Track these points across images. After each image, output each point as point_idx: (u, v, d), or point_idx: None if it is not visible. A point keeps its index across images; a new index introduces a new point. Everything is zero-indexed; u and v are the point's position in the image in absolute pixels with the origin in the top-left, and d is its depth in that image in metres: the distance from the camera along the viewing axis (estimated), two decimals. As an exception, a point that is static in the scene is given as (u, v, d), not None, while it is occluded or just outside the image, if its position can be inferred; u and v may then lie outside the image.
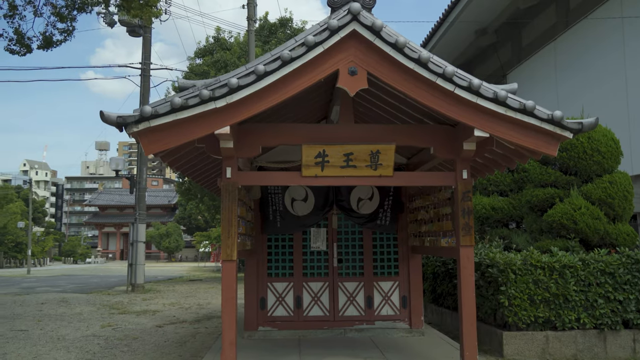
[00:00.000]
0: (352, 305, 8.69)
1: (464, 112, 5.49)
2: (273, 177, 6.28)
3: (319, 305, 8.66)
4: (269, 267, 8.74)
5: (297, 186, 8.66)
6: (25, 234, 53.21)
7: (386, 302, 8.72)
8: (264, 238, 8.75)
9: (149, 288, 18.97)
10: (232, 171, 6.01)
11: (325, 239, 8.83)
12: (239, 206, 6.49)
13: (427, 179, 6.35)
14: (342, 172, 6.11)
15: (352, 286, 8.73)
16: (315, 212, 8.66)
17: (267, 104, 5.39)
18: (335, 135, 6.11)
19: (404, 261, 8.79)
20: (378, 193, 8.77)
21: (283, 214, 8.64)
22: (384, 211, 8.75)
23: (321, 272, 8.77)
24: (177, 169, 6.77)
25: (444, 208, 6.80)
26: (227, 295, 5.86)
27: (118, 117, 5.24)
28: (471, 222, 6.08)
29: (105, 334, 10.14)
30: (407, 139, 6.23)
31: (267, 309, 8.60)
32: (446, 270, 11.00)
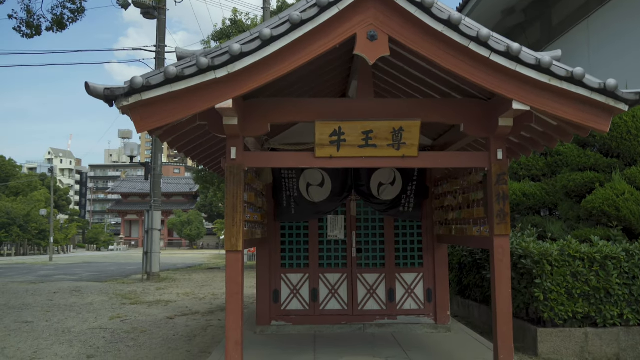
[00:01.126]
0: (373, 298, 8.04)
1: (501, 81, 4.76)
2: (283, 159, 5.62)
3: (337, 299, 8.03)
4: (282, 257, 8.13)
5: (313, 170, 8.01)
6: (48, 221, 53.62)
7: (409, 295, 8.05)
8: (277, 226, 8.13)
9: (165, 277, 18.58)
10: (237, 152, 5.37)
11: (343, 227, 8.18)
12: (246, 191, 5.87)
13: (456, 160, 5.63)
14: (360, 153, 5.43)
15: (372, 278, 8.08)
16: (333, 198, 8.01)
17: (274, 74, 4.72)
18: (353, 111, 5.42)
19: (429, 251, 8.10)
20: (400, 177, 8.07)
21: (298, 200, 8.00)
22: (407, 197, 8.05)
23: (339, 263, 8.13)
24: (179, 150, 6.15)
25: (475, 193, 6.09)
26: (232, 290, 5.25)
27: (106, 89, 4.62)
28: (507, 209, 5.36)
29: (113, 326, 9.66)
30: (434, 115, 5.51)
31: (280, 302, 8.00)
32: (473, 260, 10.27)
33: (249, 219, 5.97)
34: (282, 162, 5.59)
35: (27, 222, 56.03)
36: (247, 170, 5.67)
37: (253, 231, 6.30)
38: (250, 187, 6.16)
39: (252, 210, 6.31)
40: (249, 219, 5.89)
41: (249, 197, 5.94)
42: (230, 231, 5.28)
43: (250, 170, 6.20)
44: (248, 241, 5.98)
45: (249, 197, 5.96)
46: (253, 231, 6.30)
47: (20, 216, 55.15)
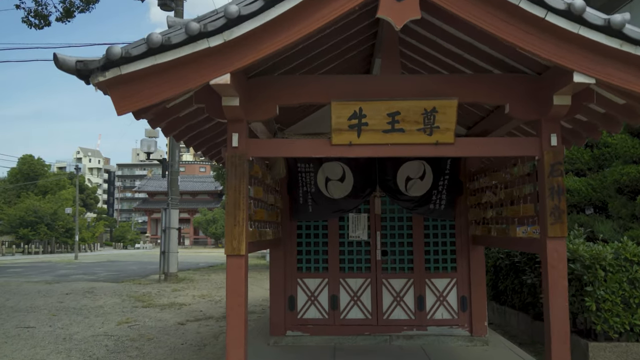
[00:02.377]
0: (399, 306, 7.17)
1: (559, 48, 3.85)
2: (293, 147, 4.77)
3: (359, 307, 7.18)
4: (298, 260, 7.31)
5: (332, 162, 7.18)
6: (74, 219, 53.81)
7: (441, 303, 7.16)
8: (293, 226, 7.32)
9: (183, 277, 17.96)
10: (240, 139, 4.57)
11: (367, 227, 7.32)
12: (253, 185, 5.08)
13: (501, 148, 4.71)
14: (385, 139, 4.57)
15: (399, 284, 7.21)
16: (355, 194, 7.16)
17: (281, 42, 3.90)
18: (376, 89, 4.57)
19: (463, 254, 7.20)
20: (431, 171, 7.18)
21: (315, 196, 7.18)
22: (438, 193, 7.16)
23: (361, 267, 7.28)
24: (177, 138, 5.38)
25: (521, 187, 5.17)
26: (234, 301, 4.45)
27: (78, 62, 3.85)
28: (563, 206, 4.44)
29: (119, 332, 8.98)
30: (473, 94, 4.62)
31: (296, 310, 7.19)
32: (511, 263, 9.32)
33: (256, 218, 5.16)
34: (292, 150, 4.75)
35: (54, 220, 56.38)
36: (253, 160, 4.87)
37: (262, 231, 5.50)
38: (258, 181, 5.35)
39: (260, 207, 5.50)
40: (256, 218, 5.08)
41: (255, 191, 5.13)
42: (232, 232, 4.48)
43: (258, 162, 5.40)
44: (255, 243, 5.17)
45: (256, 191, 5.15)
46: (262, 231, 5.50)
47: (47, 214, 55.55)
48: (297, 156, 4.61)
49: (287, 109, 6.31)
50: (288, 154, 4.77)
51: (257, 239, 5.23)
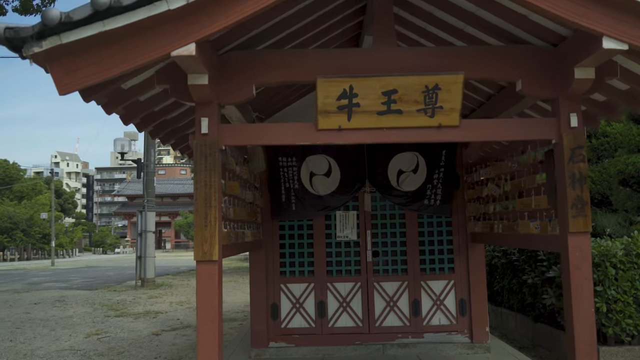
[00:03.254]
0: (393, 312, 6.55)
1: (585, 8, 3.26)
2: (272, 133, 4.09)
3: (349, 313, 6.54)
4: (282, 263, 6.64)
5: (317, 156, 6.53)
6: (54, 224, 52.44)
7: (438, 307, 6.55)
8: (275, 226, 6.65)
9: (161, 283, 17.14)
10: (211, 124, 3.90)
11: (356, 226, 6.69)
12: (227, 179, 4.41)
13: (513, 130, 4.08)
14: (379, 122, 3.94)
15: (392, 287, 6.58)
16: (342, 190, 6.53)
17: (253, 6, 3.24)
18: (369, 64, 3.93)
19: (461, 253, 6.60)
20: (425, 163, 6.57)
21: (299, 193, 6.53)
22: (432, 187, 6.55)
23: (351, 270, 6.64)
24: (140, 127, 4.68)
25: (532, 177, 4.57)
26: (205, 315, 3.78)
27: (7, 28, 3.15)
28: (585, 196, 3.85)
29: (86, 346, 8.22)
30: (481, 69, 4.00)
31: (280, 319, 6.52)
32: (508, 262, 8.75)
33: (232, 217, 4.48)
34: (272, 137, 4.07)
35: (30, 226, 54.98)
36: (227, 151, 4.20)
37: (239, 233, 4.82)
38: (234, 175, 4.69)
39: (237, 205, 4.83)
40: (231, 217, 4.41)
41: (230, 187, 4.46)
42: (202, 234, 3.81)
43: (234, 153, 4.73)
44: (232, 246, 4.50)
45: (231, 187, 4.48)
46: (239, 233, 4.82)
47: (23, 220, 54.16)
48: (278, 143, 3.94)
49: (266, 96, 5.66)
50: (267, 141, 4.09)
51: (234, 242, 4.56)
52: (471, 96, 5.78)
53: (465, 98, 5.73)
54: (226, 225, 4.32)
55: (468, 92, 5.60)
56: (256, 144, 4.33)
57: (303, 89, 5.95)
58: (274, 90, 5.50)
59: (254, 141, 4.04)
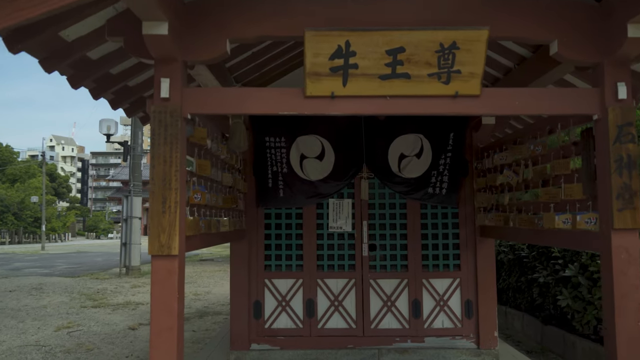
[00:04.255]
0: (391, 313, 5.84)
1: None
2: (249, 100, 3.31)
3: (341, 313, 5.83)
4: (267, 256, 5.91)
5: (309, 136, 5.79)
6: (46, 208, 51.64)
7: (441, 309, 5.84)
8: (260, 214, 5.91)
9: (146, 270, 16.39)
10: (173, 86, 3.15)
11: (351, 216, 5.95)
12: (196, 156, 3.66)
13: (546, 102, 3.29)
14: (382, 89, 3.19)
15: (390, 285, 5.87)
16: (336, 175, 5.79)
17: None
18: (371, 14, 3.17)
19: (469, 249, 5.88)
20: (430, 146, 5.83)
21: (288, 178, 5.79)
22: (438, 174, 5.82)
23: (344, 265, 5.92)
24: (96, 94, 3.91)
25: (562, 162, 3.84)
26: (160, 323, 3.05)
27: None
28: (635, 184, 3.12)
29: (54, 341, 7.51)
30: (509, 26, 3.24)
31: (263, 318, 5.81)
32: (516, 258, 8.06)
33: (202, 203, 3.73)
34: (248, 104, 3.31)
35: (22, 209, 54.27)
36: (195, 121, 3.45)
37: (212, 222, 4.07)
38: (205, 152, 3.93)
39: (210, 189, 4.08)
40: (199, 202, 3.66)
41: (200, 166, 3.71)
42: (159, 222, 3.07)
43: (207, 126, 3.98)
44: (201, 237, 3.76)
45: (201, 166, 3.73)
46: (212, 222, 4.07)
47: (14, 203, 53.43)
48: (255, 113, 3.19)
49: (252, 63, 4.92)
50: (242, 109, 3.31)
51: (205, 231, 3.82)
52: (495, 60, 4.92)
53: (488, 63, 4.93)
54: (193, 212, 3.58)
55: (492, 53, 4.74)
56: (227, 113, 3.57)
57: (287, 37, 5.18)
58: (261, 54, 4.74)
59: (226, 109, 3.29)
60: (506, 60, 4.75)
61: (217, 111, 3.30)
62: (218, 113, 3.50)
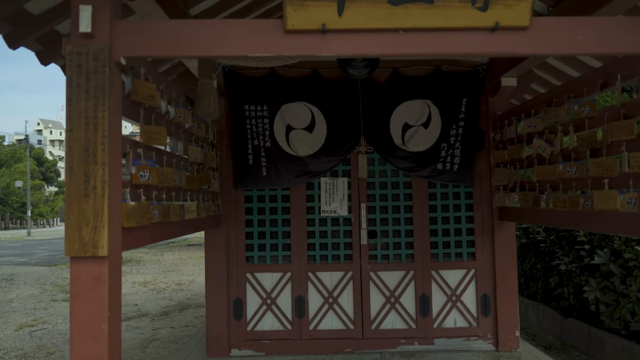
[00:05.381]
0: (395, 311, 4.99)
1: None
2: (207, 37, 2.32)
3: (337, 312, 4.97)
4: (248, 246, 5.03)
5: (297, 104, 4.89)
6: (32, 193, 50.53)
7: (454, 305, 4.99)
8: (239, 197, 5.02)
9: (129, 258, 15.50)
10: (97, 17, 2.22)
11: (347, 198, 5.06)
12: (145, 121, 2.74)
13: (625, 37, 2.40)
14: (392, 19, 2.27)
15: (393, 278, 5.01)
16: (329, 149, 4.90)
17: None
18: None
19: (485, 235, 5.02)
20: (439, 114, 4.94)
21: (272, 153, 4.89)
22: (449, 147, 4.94)
23: (339, 255, 5.04)
24: (11, 42, 2.96)
25: (622, 124, 2.95)
26: (82, 353, 2.16)
27: None
28: None
29: (11, 343, 6.62)
30: None
31: (245, 319, 4.94)
32: (531, 242, 7.23)
33: (150, 181, 2.80)
34: (205, 45, 2.34)
35: (7, 194, 53.11)
36: (132, 69, 2.52)
37: (172, 207, 3.16)
38: (156, 115, 3.00)
39: (167, 164, 3.15)
40: (147, 181, 2.73)
41: (149, 134, 2.79)
42: (79, 209, 2.17)
43: (159, 80, 3.06)
44: (156, 228, 2.86)
45: (150, 134, 2.80)
46: (172, 207, 3.16)
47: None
48: (218, 55, 2.30)
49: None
50: (198, 51, 2.38)
51: (159, 220, 2.91)
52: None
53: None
54: (138, 195, 2.66)
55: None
56: (177, 56, 2.63)
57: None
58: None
59: (175, 50, 2.35)
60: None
61: (163, 53, 2.36)
62: (164, 56, 2.56)
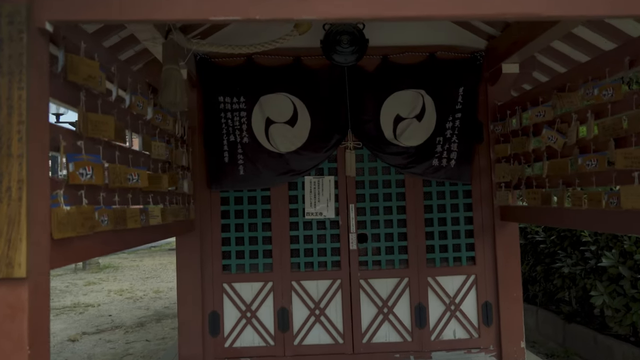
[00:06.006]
0: (388, 322, 4.52)
1: None
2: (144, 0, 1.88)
3: (324, 325, 4.49)
4: (225, 254, 4.52)
5: (277, 95, 4.41)
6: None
7: (452, 314, 4.54)
8: (215, 199, 4.51)
9: (106, 264, 14.85)
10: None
11: (334, 199, 4.58)
12: (86, 108, 2.23)
13: None
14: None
15: (386, 286, 4.55)
16: (313, 144, 4.44)
17: None
18: None
19: (486, 237, 4.57)
20: (434, 106, 4.49)
21: (250, 150, 4.40)
22: (445, 141, 4.49)
23: (326, 262, 4.56)
24: None
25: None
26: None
27: None
28: None
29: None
30: None
31: (223, 335, 4.44)
32: (529, 243, 6.82)
33: (92, 181, 2.28)
34: (146, 9, 1.86)
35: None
36: (65, 40, 2.02)
37: (126, 213, 2.65)
38: (107, 103, 2.50)
39: (120, 161, 2.64)
40: (89, 181, 2.22)
41: (93, 124, 2.28)
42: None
43: (110, 61, 2.56)
44: (105, 237, 2.36)
45: (95, 124, 2.28)
46: (126, 213, 2.65)
47: None
48: (169, 19, 1.85)
49: None
50: (143, 14, 1.86)
51: (109, 228, 2.41)
52: None
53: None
54: (79, 198, 2.16)
55: None
56: (118, 20, 2.12)
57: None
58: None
59: (116, 15, 1.85)
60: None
61: (99, 17, 1.86)
62: (100, 20, 2.05)
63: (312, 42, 4.23)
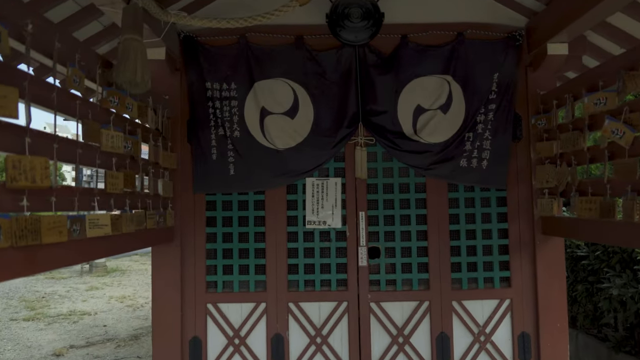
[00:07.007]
0: (404, 354, 3.76)
1: None
2: None
3: (326, 356, 3.76)
4: (210, 269, 3.82)
5: (274, 80, 3.72)
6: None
7: (482, 347, 3.77)
8: (199, 203, 3.81)
9: (113, 267, 14.29)
10: None
11: (341, 205, 3.84)
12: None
13: None
14: None
15: (402, 311, 3.79)
16: (317, 140, 3.73)
17: None
18: None
19: (524, 254, 3.79)
20: (462, 95, 3.74)
21: (242, 145, 3.71)
22: (475, 137, 3.73)
23: (330, 281, 3.82)
24: None
25: None
26: None
27: None
28: None
29: None
30: None
31: (206, 366, 3.74)
32: (569, 258, 5.97)
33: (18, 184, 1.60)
34: None
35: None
36: None
37: (38, 223, 1.95)
38: (10, 70, 1.80)
39: (13, 149, 1.95)
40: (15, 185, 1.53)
41: None
42: None
43: (23, 11, 1.87)
44: (11, 253, 1.67)
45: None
46: (38, 223, 1.95)
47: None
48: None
49: None
50: None
51: (23, 243, 1.72)
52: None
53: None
54: None
55: None
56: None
57: None
58: None
59: None
60: None
61: None
62: None
63: (316, 18, 3.57)
